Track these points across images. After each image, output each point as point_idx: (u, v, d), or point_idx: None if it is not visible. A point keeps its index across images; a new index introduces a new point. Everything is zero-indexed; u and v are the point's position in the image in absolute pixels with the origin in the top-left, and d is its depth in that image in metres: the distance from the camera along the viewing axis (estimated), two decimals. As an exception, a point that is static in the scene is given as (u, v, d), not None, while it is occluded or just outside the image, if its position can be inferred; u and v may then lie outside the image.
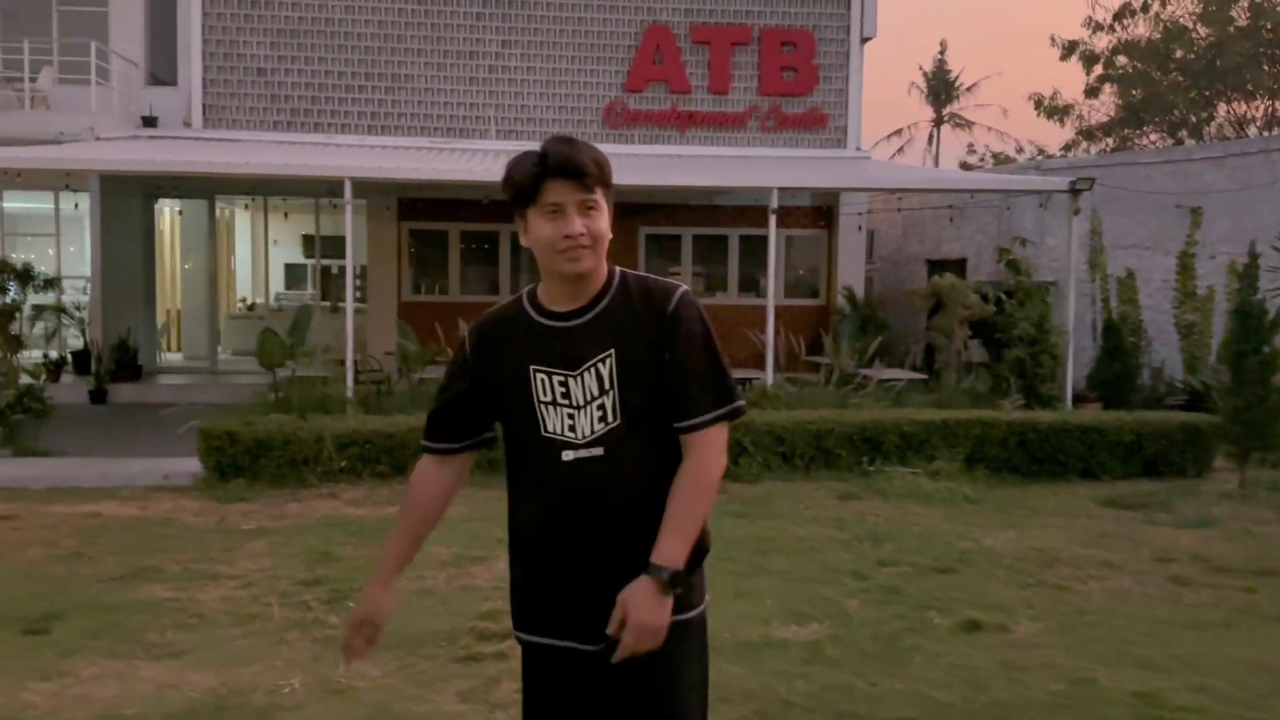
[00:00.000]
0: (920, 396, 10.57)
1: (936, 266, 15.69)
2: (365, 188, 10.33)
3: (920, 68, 47.54)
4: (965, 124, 37.08)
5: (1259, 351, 8.28)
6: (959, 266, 15.25)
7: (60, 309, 13.59)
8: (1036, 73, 59.68)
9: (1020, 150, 31.50)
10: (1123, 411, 9.77)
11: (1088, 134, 25.39)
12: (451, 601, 5.02)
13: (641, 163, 13.66)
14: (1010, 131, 40.41)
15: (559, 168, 1.94)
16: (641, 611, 1.91)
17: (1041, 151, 29.01)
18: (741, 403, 2.10)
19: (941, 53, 43.54)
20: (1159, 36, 23.75)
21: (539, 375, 2.02)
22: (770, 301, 10.88)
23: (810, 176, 13.05)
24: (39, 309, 13.29)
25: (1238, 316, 8.47)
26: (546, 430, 2.00)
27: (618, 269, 2.08)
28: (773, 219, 10.80)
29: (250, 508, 7.27)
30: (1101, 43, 24.56)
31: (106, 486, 7.96)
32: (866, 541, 6.39)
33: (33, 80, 13.41)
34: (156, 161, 11.26)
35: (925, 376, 11.73)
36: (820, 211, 15.66)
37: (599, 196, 1.98)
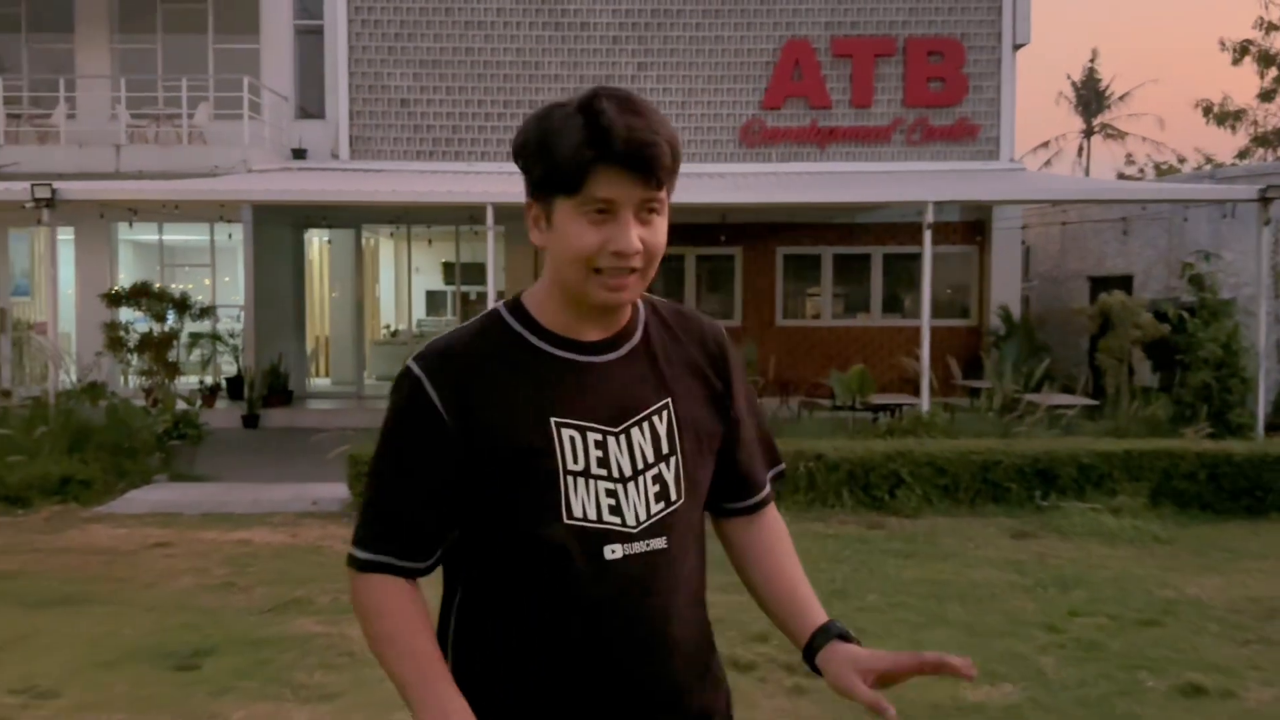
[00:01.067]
0: (1091, 425, 9.80)
1: (1100, 284, 14.72)
2: (504, 214, 10.31)
3: (1068, 76, 45.60)
4: (1118, 134, 35.27)
5: None
6: (1125, 283, 14.25)
7: (215, 336, 14.06)
8: (1196, 79, 56.59)
9: (1183, 160, 29.67)
10: (1328, 441, 8.80)
11: (1262, 140, 23.67)
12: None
13: (781, 181, 13.28)
14: (1167, 141, 38.31)
15: (627, 153, 1.27)
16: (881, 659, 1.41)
17: (1210, 160, 27.22)
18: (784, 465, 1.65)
19: (1092, 60, 41.58)
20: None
21: (566, 432, 1.35)
22: (925, 322, 10.30)
23: (967, 189, 12.41)
24: (195, 336, 13.78)
25: None
26: (572, 515, 1.34)
27: None
28: (928, 234, 10.24)
29: (396, 537, 7.16)
30: (1278, 43, 22.92)
31: (258, 513, 8.01)
32: (1052, 588, 5.81)
33: (190, 116, 13.97)
34: (306, 191, 11.49)
35: (1096, 403, 10.89)
36: (971, 227, 14.92)
37: (665, 195, 1.33)
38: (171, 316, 13.05)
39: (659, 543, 1.37)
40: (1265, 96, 23.44)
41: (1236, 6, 56.96)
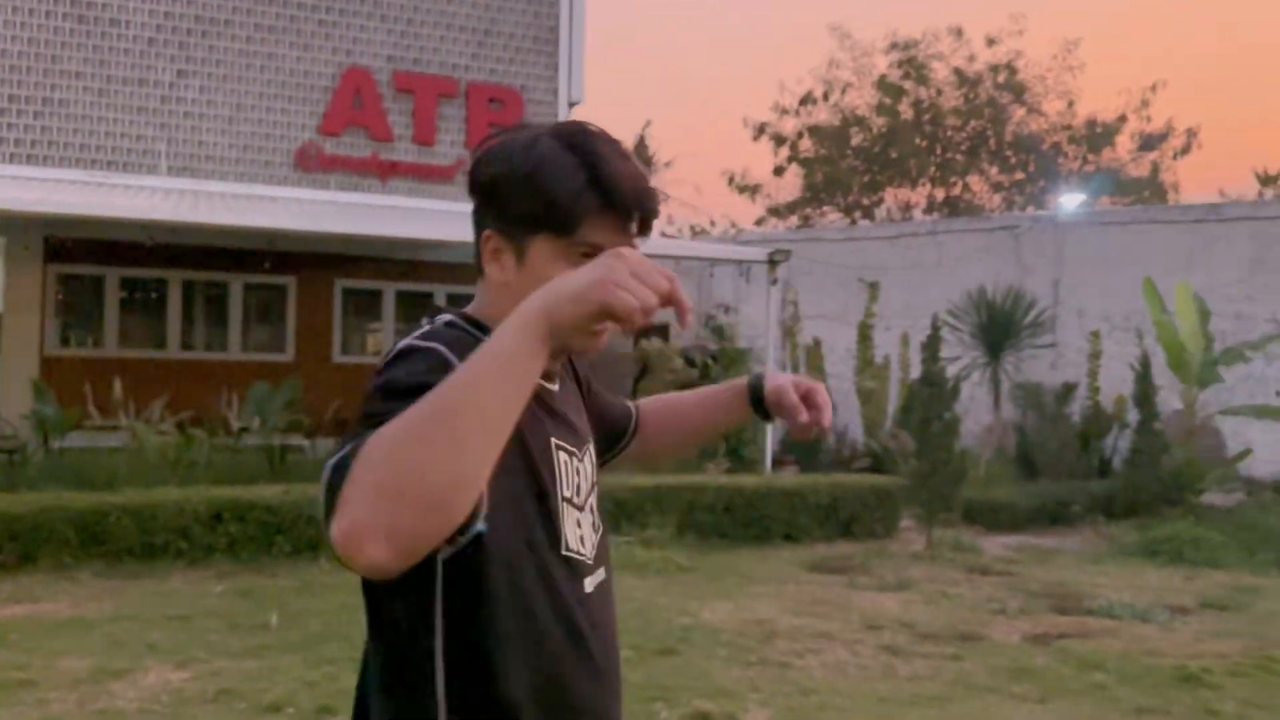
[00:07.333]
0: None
1: (641, 331, 15.84)
2: (2, 225, 8.77)
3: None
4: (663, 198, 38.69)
5: (942, 418, 8.76)
6: (663, 331, 15.46)
7: None
8: (734, 152, 63.76)
9: (713, 224, 33.27)
10: (819, 475, 10.06)
11: (775, 211, 27.14)
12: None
13: (340, 210, 12.79)
14: (704, 208, 42.65)
15: (632, 206, 1.22)
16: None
17: (734, 225, 30.77)
18: None
19: (644, 128, 45.38)
20: (838, 123, 25.91)
21: (561, 455, 1.27)
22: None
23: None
24: None
25: (923, 385, 8.95)
26: (569, 547, 1.24)
27: None
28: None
29: None
30: (789, 126, 26.47)
31: None
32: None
33: None
34: None
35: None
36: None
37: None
38: None
39: (603, 573, 1.32)
40: (778, 172, 26.96)
41: (766, 88, 65.35)
